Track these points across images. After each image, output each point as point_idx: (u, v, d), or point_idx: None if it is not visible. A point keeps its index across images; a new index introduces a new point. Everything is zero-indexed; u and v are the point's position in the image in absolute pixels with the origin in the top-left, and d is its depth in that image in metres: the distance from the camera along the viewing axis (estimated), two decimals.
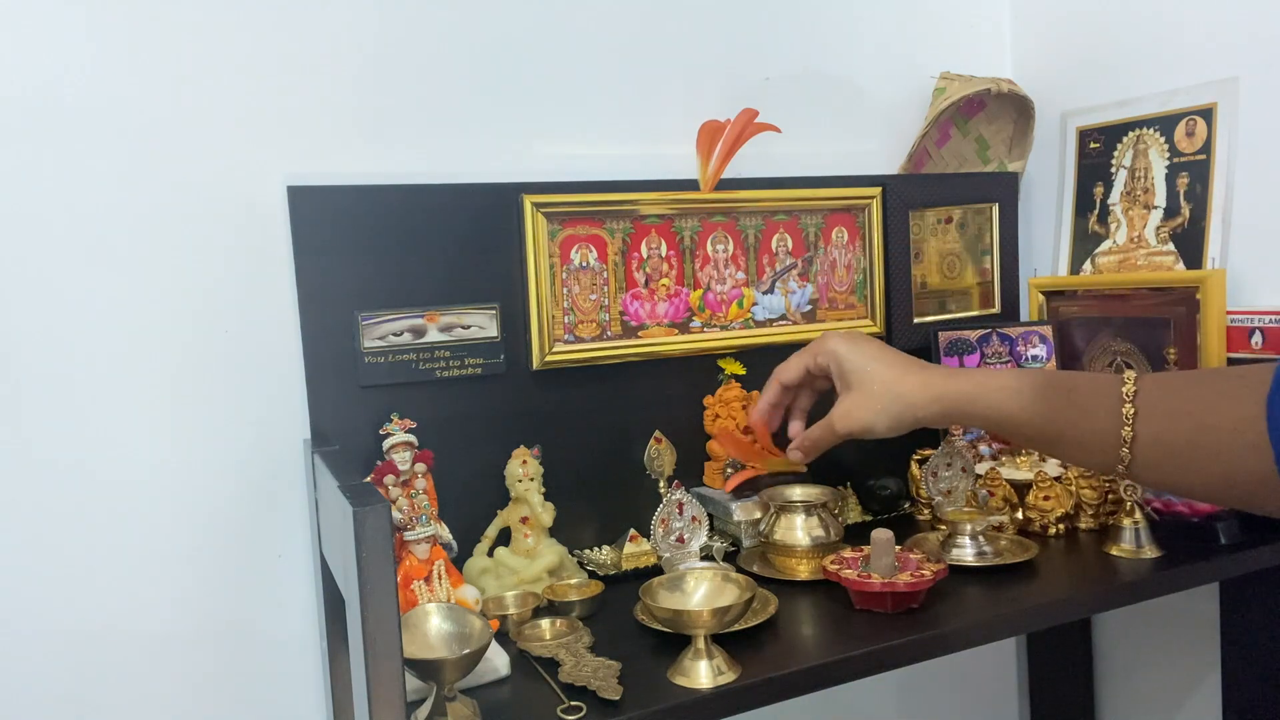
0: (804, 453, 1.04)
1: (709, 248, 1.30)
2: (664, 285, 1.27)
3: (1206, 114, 1.30)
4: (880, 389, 0.93)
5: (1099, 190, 1.44)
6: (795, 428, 1.10)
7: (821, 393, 1.07)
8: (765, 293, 1.34)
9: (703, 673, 0.85)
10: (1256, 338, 1.20)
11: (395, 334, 1.13)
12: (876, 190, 1.39)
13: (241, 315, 1.09)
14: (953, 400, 0.89)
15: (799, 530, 1.11)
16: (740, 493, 1.22)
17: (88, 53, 1.01)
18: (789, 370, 1.03)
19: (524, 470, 1.14)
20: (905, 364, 0.94)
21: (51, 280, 1.01)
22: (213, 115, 1.07)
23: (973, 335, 1.41)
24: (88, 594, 1.04)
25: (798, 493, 1.17)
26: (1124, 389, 0.77)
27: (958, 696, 1.64)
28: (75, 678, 1.04)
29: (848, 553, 1.06)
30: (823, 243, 1.37)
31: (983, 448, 1.35)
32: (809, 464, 1.11)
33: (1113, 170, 1.42)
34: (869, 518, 1.31)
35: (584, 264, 1.22)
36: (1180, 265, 1.32)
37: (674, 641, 0.91)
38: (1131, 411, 0.75)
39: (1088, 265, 1.45)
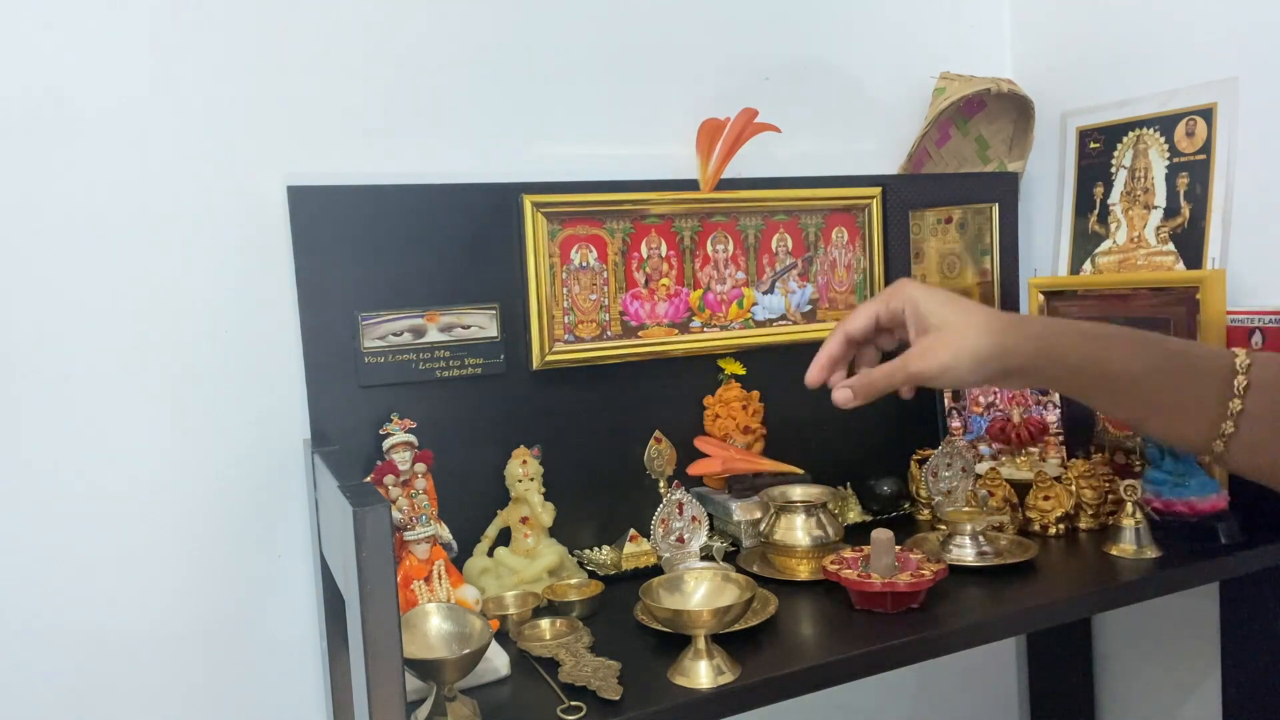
0: (855, 392, 0.84)
1: (709, 248, 1.30)
2: (664, 285, 1.27)
3: (1206, 114, 1.30)
4: (966, 326, 0.78)
5: (1099, 190, 1.44)
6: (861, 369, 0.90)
7: (884, 351, 0.90)
8: (765, 293, 1.34)
9: (703, 673, 0.85)
10: (1256, 338, 1.20)
11: (395, 334, 1.13)
12: (876, 190, 1.39)
13: (242, 315, 1.09)
14: (1050, 341, 0.76)
15: (799, 530, 1.11)
16: (741, 493, 1.23)
17: (89, 54, 1.01)
18: (856, 320, 0.86)
19: (524, 470, 1.14)
20: (990, 308, 0.82)
21: (52, 280, 1.01)
22: (213, 116, 1.07)
23: None
24: (88, 593, 1.04)
25: (798, 493, 1.17)
26: (1237, 360, 0.72)
27: (958, 696, 1.64)
28: (75, 676, 1.04)
29: (848, 553, 1.06)
30: (823, 243, 1.37)
31: (983, 448, 1.35)
32: (860, 406, 0.88)
33: (1113, 170, 1.42)
34: (869, 518, 1.31)
35: (584, 264, 1.22)
36: (1180, 265, 1.32)
37: (674, 641, 0.91)
38: (1243, 384, 0.71)
39: (1088, 265, 1.45)
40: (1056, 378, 0.78)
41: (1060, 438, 1.34)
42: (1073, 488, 1.21)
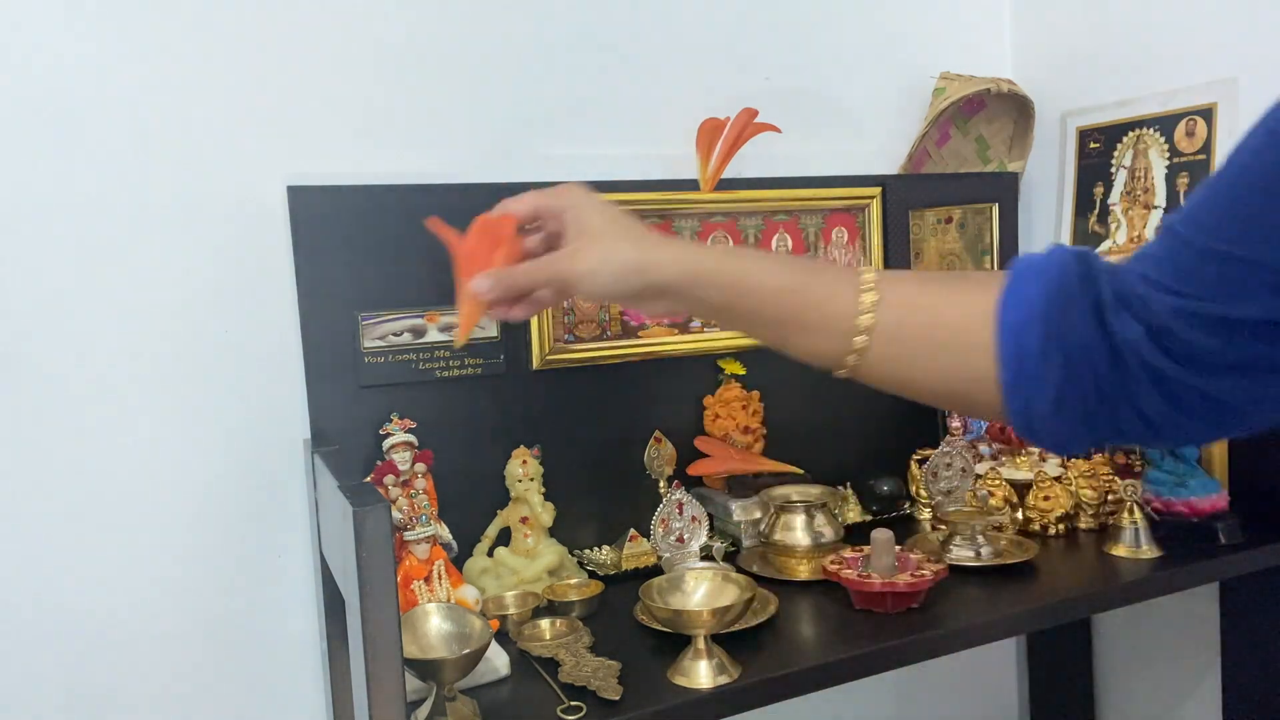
0: (496, 282, 0.78)
1: None
2: None
3: (1206, 114, 1.30)
4: (618, 235, 0.78)
5: (1099, 190, 1.44)
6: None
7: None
8: None
9: (703, 673, 0.85)
10: None
11: (395, 334, 1.13)
12: (876, 190, 1.39)
13: (241, 315, 1.09)
14: (694, 257, 0.76)
15: (799, 530, 1.11)
16: (741, 493, 1.23)
17: (89, 53, 1.01)
18: (522, 203, 0.83)
19: (524, 470, 1.14)
20: (645, 227, 0.81)
21: (53, 281, 1.01)
22: (214, 116, 1.07)
23: None
24: (88, 593, 1.04)
25: (798, 493, 1.17)
26: (863, 276, 0.73)
27: (958, 696, 1.64)
28: (76, 676, 1.04)
29: (848, 553, 1.06)
30: (823, 243, 1.37)
31: (983, 448, 1.35)
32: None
33: (1113, 170, 1.42)
34: (869, 518, 1.31)
35: None
36: None
37: (674, 641, 0.91)
38: (872, 299, 0.71)
39: None
40: (701, 299, 0.77)
41: None
42: (1073, 488, 1.21)
